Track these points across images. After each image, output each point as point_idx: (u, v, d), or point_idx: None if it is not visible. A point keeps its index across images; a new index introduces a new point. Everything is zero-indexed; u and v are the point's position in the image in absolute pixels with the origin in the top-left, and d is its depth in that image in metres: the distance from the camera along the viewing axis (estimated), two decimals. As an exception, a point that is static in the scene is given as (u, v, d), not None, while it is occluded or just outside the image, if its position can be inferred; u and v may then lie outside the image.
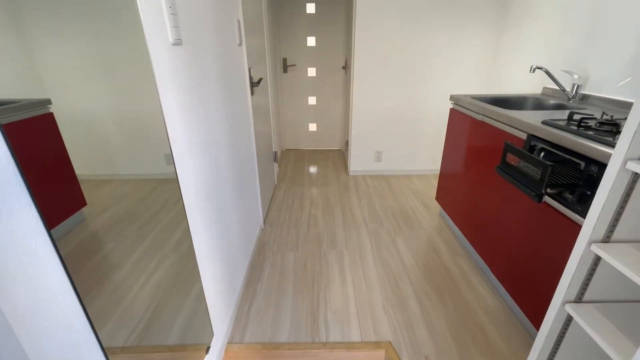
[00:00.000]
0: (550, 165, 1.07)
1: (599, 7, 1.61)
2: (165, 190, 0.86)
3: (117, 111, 0.68)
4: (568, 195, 1.09)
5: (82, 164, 0.58)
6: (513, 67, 2.40)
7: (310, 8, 3.27)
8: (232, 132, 1.45)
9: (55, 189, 0.52)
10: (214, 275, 1.20)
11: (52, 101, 0.53)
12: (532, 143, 1.28)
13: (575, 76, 1.71)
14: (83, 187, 0.60)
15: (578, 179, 1.05)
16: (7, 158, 0.40)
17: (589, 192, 1.01)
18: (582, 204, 1.03)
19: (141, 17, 0.72)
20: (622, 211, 0.69)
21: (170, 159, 0.85)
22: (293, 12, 3.28)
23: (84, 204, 0.60)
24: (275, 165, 2.93)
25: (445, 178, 2.16)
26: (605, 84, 1.58)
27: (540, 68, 1.78)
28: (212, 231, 1.16)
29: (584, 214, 1.02)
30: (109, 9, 0.65)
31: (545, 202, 1.19)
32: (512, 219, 1.40)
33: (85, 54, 0.60)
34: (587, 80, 1.68)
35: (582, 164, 1.05)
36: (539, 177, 1.13)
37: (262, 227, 2.20)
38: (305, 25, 3.34)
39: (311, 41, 3.40)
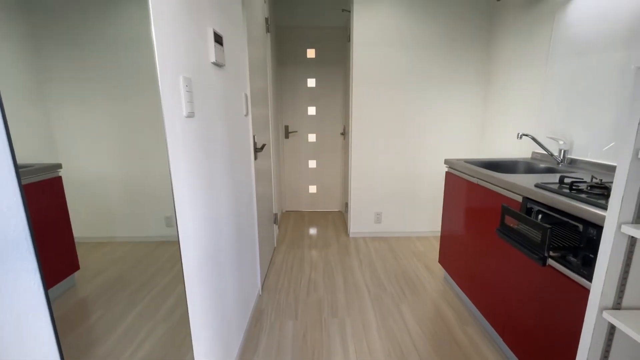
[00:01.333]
0: (549, 227, 1.08)
1: (575, 77, 1.78)
2: (162, 253, 0.86)
3: (124, 175, 0.71)
4: (572, 259, 1.08)
5: (82, 226, 0.59)
6: (501, 132, 2.55)
7: (311, 83, 3.60)
8: (235, 196, 1.49)
9: (51, 253, 0.52)
10: (208, 346, 1.12)
11: (63, 165, 0.55)
12: (529, 206, 1.31)
13: (561, 142, 1.81)
14: (79, 250, 0.59)
15: (579, 241, 1.05)
16: (23, 225, 0.42)
17: (591, 255, 1.00)
18: (587, 267, 1.01)
19: (161, 94, 0.80)
20: (627, 275, 0.68)
21: (170, 221, 0.87)
22: (295, 86, 3.60)
23: (77, 268, 0.59)
24: (275, 227, 2.92)
25: (447, 240, 2.14)
26: (590, 148, 1.67)
27: (526, 135, 1.89)
28: (208, 297, 1.12)
29: (590, 278, 0.99)
30: (133, 87, 0.73)
31: (550, 265, 1.17)
32: (520, 283, 1.35)
33: (102, 122, 0.65)
34: (572, 145, 1.78)
35: (580, 226, 1.06)
36: (539, 239, 1.12)
37: (260, 293, 2.10)
38: (306, 97, 3.63)
39: (312, 110, 3.67)
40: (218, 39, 1.21)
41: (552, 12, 1.94)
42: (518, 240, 1.25)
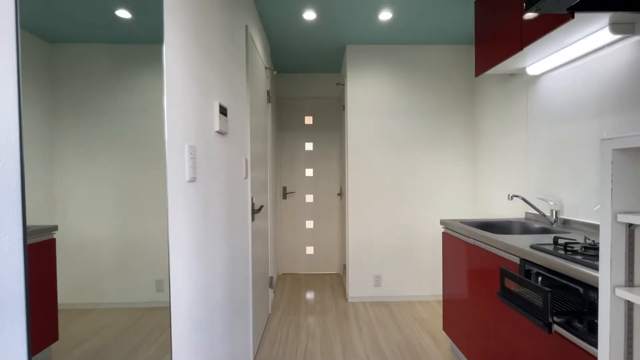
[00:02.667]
0: (549, 291, 1.06)
1: (554, 144, 1.89)
2: (150, 320, 0.82)
3: (119, 236, 0.71)
4: (578, 324, 1.04)
5: (68, 292, 0.56)
6: (493, 193, 2.62)
7: (309, 146, 3.79)
8: (231, 259, 1.47)
9: (31, 323, 0.50)
10: None
11: (59, 226, 0.55)
12: (527, 267, 1.30)
13: (551, 202, 1.86)
14: (61, 318, 0.56)
15: (582, 305, 1.02)
16: (20, 291, 0.42)
17: (596, 321, 0.97)
18: (594, 334, 0.97)
19: (167, 160, 0.85)
20: (632, 342, 0.66)
21: (161, 285, 0.85)
22: (294, 149, 3.78)
23: (56, 339, 0.55)
24: (271, 291, 2.80)
25: (450, 306, 2.05)
26: (580, 209, 1.71)
27: (516, 196, 1.95)
28: (195, 372, 1.04)
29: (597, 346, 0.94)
30: (140, 153, 0.78)
31: (557, 332, 1.11)
32: (528, 352, 1.27)
33: (105, 184, 0.67)
34: (563, 206, 1.82)
35: (581, 289, 1.04)
36: (541, 304, 1.09)
37: (252, 366, 1.93)
38: (304, 159, 3.79)
39: (309, 172, 3.79)
40: (223, 111, 1.33)
41: (525, 86, 2.15)
42: (520, 304, 1.22)
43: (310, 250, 3.83)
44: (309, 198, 3.80)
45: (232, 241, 1.51)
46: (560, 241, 1.31)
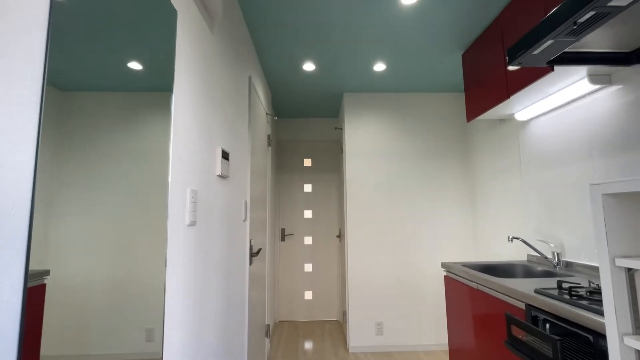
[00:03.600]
0: (558, 339, 1.01)
1: (548, 187, 1.93)
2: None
3: (112, 282, 0.68)
4: (592, 377, 0.98)
5: (52, 342, 0.53)
6: (492, 234, 2.61)
7: (308, 188, 3.83)
8: (227, 306, 1.42)
9: None
10: None
11: (51, 271, 0.52)
12: (533, 313, 1.25)
13: (552, 245, 1.85)
14: None
15: (593, 355, 0.98)
16: (14, 341, 0.41)
17: (611, 373, 0.92)
18: (611, 389, 0.91)
19: (169, 205, 0.86)
20: (649, 397, 0.63)
21: (151, 335, 0.81)
22: (293, 191, 3.82)
23: None
24: (267, 340, 2.65)
25: (457, 357, 1.94)
26: (582, 251, 1.69)
27: (516, 238, 1.94)
28: None
29: (618, 403, 0.89)
30: (142, 197, 0.79)
31: (571, 386, 1.05)
32: (544, 411, 1.18)
33: (103, 228, 0.65)
34: (564, 248, 1.81)
35: (590, 337, 1.00)
36: (551, 354, 1.04)
37: None
38: (303, 201, 3.80)
39: (308, 214, 3.78)
40: (225, 155, 1.37)
41: (516, 130, 2.25)
42: (530, 354, 1.16)
43: (308, 295, 3.69)
44: (308, 240, 3.75)
45: (229, 287, 1.47)
46: (565, 285, 1.29)
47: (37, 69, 0.48)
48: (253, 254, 1.97)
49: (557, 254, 1.81)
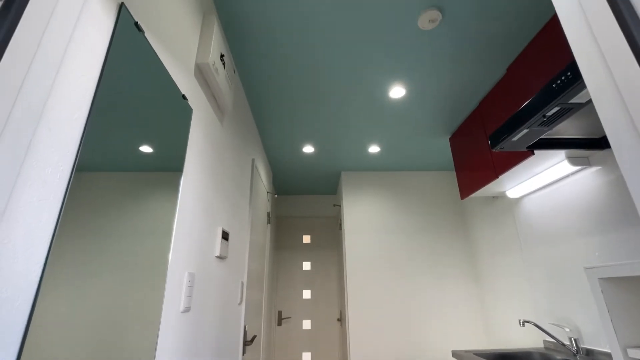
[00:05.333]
0: None
1: (550, 265, 1.89)
2: None
3: None
4: None
5: None
6: (502, 317, 2.44)
7: (306, 266, 3.72)
8: (214, 404, 1.26)
9: None
10: None
11: (31, 353, 0.48)
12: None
13: (567, 329, 1.73)
14: None
15: None
16: None
17: None
18: None
19: (166, 289, 0.85)
20: None
21: None
22: (291, 269, 3.69)
23: None
24: None
25: None
26: (601, 337, 1.58)
27: (528, 322, 1.82)
28: None
29: None
30: (137, 279, 0.78)
31: None
32: None
33: (93, 308, 0.61)
34: (580, 333, 1.69)
35: None
36: None
37: None
38: (302, 279, 3.65)
39: (307, 294, 3.59)
40: (225, 236, 1.38)
41: (510, 207, 2.30)
42: None
43: (307, 391, 3.26)
44: (306, 324, 3.48)
45: (219, 382, 1.33)
46: (588, 378, 1.17)
47: (68, 163, 0.53)
48: (247, 342, 1.82)
49: (575, 339, 1.68)
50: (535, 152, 1.56)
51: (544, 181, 1.85)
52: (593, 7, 0.50)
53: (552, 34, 1.45)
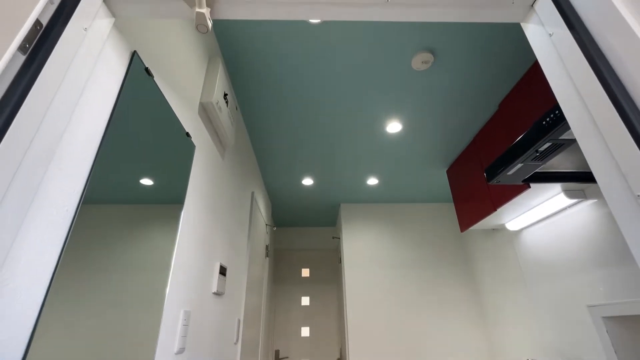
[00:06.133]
0: None
1: (556, 297, 1.84)
2: None
3: None
4: None
5: None
6: (510, 354, 2.33)
7: (305, 301, 3.60)
8: None
9: None
10: None
11: None
12: None
13: (578, 370, 1.65)
14: None
15: None
16: None
17: None
18: None
19: (160, 328, 0.82)
20: None
21: None
22: (289, 304, 3.57)
23: None
24: None
25: None
26: (613, 379, 1.50)
27: (537, 361, 1.74)
28: None
29: None
30: (132, 318, 0.76)
31: None
32: None
33: (81, 346, 0.59)
34: (593, 375, 1.61)
35: None
36: None
37: None
38: (300, 316, 3.52)
39: (305, 331, 3.45)
40: (222, 271, 1.36)
41: (510, 239, 2.29)
42: None
43: None
44: (305, 365, 3.31)
45: None
46: None
47: (73, 204, 0.55)
48: (242, 386, 1.72)
49: (587, 381, 1.60)
50: (531, 185, 1.58)
51: (543, 214, 1.86)
52: (571, 59, 0.54)
53: (540, 72, 1.53)
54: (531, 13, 0.65)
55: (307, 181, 2.79)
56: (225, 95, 1.36)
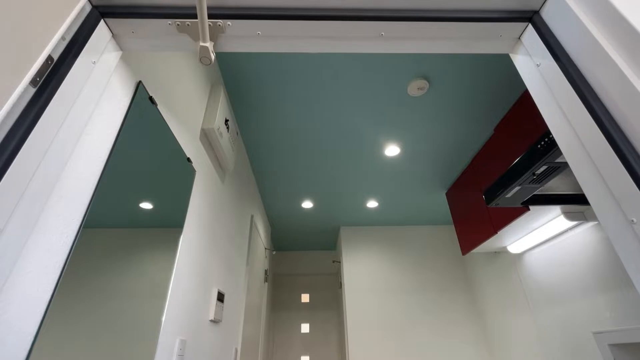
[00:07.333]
0: None
1: (562, 322, 1.79)
2: None
3: None
4: None
5: None
6: (522, 388, 2.23)
7: (305, 328, 3.49)
8: None
9: None
10: None
11: None
12: None
13: (591, 401, 1.57)
14: None
15: None
16: None
17: None
18: None
19: (155, 359, 0.80)
20: None
21: None
22: (289, 332, 3.46)
23: None
24: None
25: None
26: (628, 411, 1.43)
27: (548, 392, 1.67)
28: None
29: None
30: (129, 351, 0.74)
31: None
32: None
33: None
34: (607, 407, 1.53)
35: None
36: None
37: None
38: (300, 344, 3.40)
39: (305, 361, 3.32)
40: (220, 297, 1.33)
41: (512, 262, 2.25)
42: None
43: None
44: (305, 397, 3.16)
45: None
46: None
47: (73, 230, 0.55)
48: (239, 421, 1.64)
49: (601, 414, 1.52)
50: (531, 207, 1.58)
51: (544, 236, 1.85)
52: (558, 88, 0.57)
53: (532, 98, 1.58)
54: (518, 45, 0.68)
55: (307, 204, 2.79)
56: (227, 121, 1.40)
